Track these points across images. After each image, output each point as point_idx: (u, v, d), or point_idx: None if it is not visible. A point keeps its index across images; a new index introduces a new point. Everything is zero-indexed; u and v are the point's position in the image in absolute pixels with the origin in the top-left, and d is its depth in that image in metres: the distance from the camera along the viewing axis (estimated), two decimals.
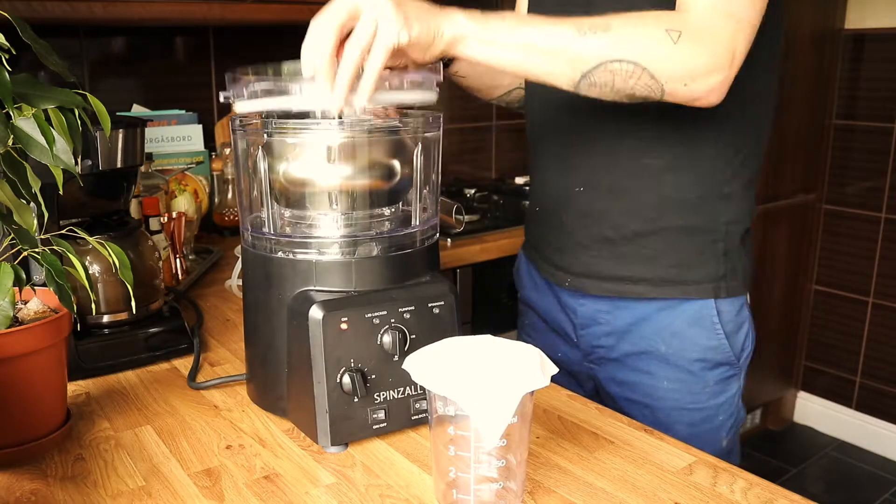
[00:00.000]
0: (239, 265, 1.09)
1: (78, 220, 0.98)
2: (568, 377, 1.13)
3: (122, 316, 0.98)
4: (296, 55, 0.84)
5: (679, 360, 1.01)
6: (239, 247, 1.04)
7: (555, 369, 0.65)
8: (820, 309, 2.81)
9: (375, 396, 0.76)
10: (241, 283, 1.10)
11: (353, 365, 0.75)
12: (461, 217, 1.69)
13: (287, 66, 0.81)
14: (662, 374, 1.03)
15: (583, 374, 1.12)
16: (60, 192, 0.65)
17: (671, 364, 1.01)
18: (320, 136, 0.78)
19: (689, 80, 0.80)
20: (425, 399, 0.78)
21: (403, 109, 0.86)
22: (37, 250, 0.67)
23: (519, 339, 1.23)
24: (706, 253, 0.99)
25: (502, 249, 1.79)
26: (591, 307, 1.05)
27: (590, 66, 0.79)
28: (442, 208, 1.61)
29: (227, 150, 1.74)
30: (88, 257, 0.95)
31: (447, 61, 1.03)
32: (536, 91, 1.08)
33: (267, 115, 0.80)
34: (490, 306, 1.84)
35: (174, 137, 1.77)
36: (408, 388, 0.78)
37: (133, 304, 0.80)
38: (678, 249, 0.99)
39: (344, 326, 0.74)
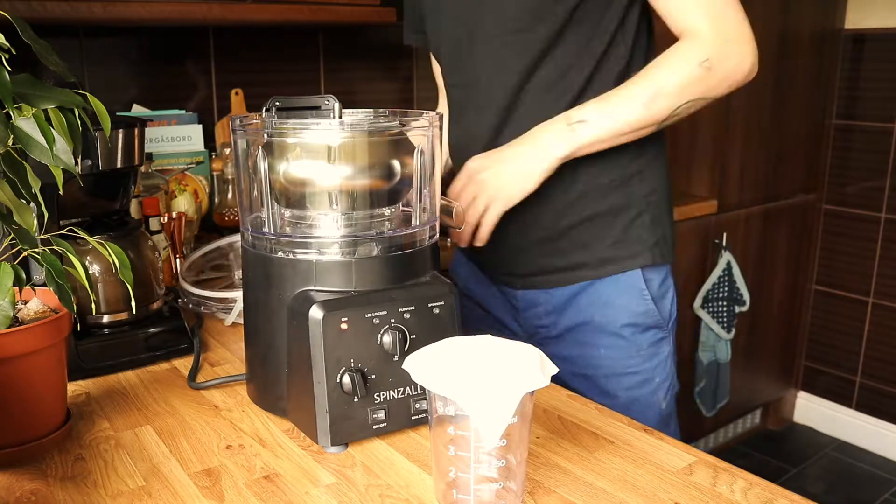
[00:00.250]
0: (239, 304, 1.09)
1: (78, 220, 0.98)
2: None
3: (122, 316, 0.98)
4: (295, 56, 0.84)
5: (612, 326, 1.11)
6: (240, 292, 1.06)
7: (555, 369, 0.65)
8: (820, 309, 2.81)
9: (375, 396, 0.76)
10: (238, 320, 1.11)
11: (353, 365, 0.75)
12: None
13: None
14: (598, 343, 1.12)
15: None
16: (60, 192, 0.65)
17: (605, 331, 1.11)
18: (320, 136, 0.78)
19: (732, 83, 1.01)
20: (425, 399, 0.78)
21: (404, 109, 0.87)
22: (37, 250, 0.67)
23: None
24: (635, 227, 1.10)
25: None
26: (533, 312, 1.16)
27: (661, 120, 1.01)
28: (442, 208, 1.61)
29: (227, 150, 1.74)
30: (88, 257, 0.95)
31: None
32: (458, 128, 1.19)
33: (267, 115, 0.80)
34: None
35: (174, 137, 1.77)
36: (408, 388, 0.78)
37: (133, 304, 0.80)
38: (609, 230, 1.09)
39: (344, 326, 0.74)
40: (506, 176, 1.02)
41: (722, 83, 0.99)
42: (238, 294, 1.10)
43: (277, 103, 0.81)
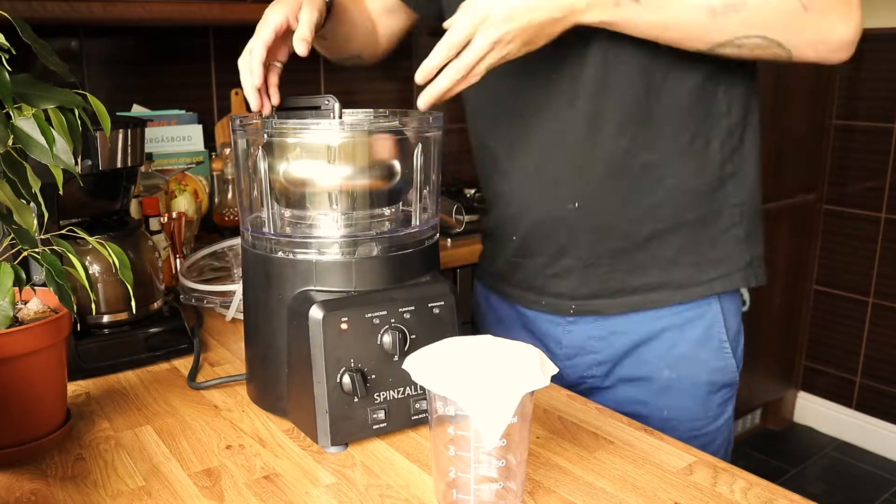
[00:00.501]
0: (238, 298, 1.09)
1: (78, 220, 0.98)
2: None
3: (122, 316, 0.98)
4: (295, 56, 0.84)
5: (684, 384, 0.94)
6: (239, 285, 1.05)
7: (555, 369, 0.65)
8: (820, 309, 2.81)
9: (375, 396, 0.76)
10: (238, 315, 1.11)
11: (353, 365, 0.75)
12: (461, 217, 1.70)
13: None
14: (662, 404, 0.96)
15: None
16: (60, 192, 0.65)
17: (674, 390, 0.95)
18: (320, 136, 0.78)
19: (819, 45, 0.81)
20: (425, 399, 0.78)
21: (404, 109, 0.87)
22: (37, 250, 0.67)
23: None
24: (726, 241, 0.94)
25: None
26: (580, 335, 0.98)
27: (720, 41, 0.80)
28: (442, 208, 1.61)
29: (227, 150, 1.74)
30: (88, 257, 0.95)
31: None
32: (490, 98, 0.98)
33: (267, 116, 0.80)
34: None
35: (174, 137, 1.77)
36: (408, 388, 0.78)
37: (133, 304, 0.80)
38: (698, 243, 0.93)
39: (344, 326, 0.74)
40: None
41: (810, 37, 0.80)
42: (238, 287, 1.10)
43: None
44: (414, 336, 0.77)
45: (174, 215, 1.31)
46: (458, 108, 1.10)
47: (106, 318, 0.98)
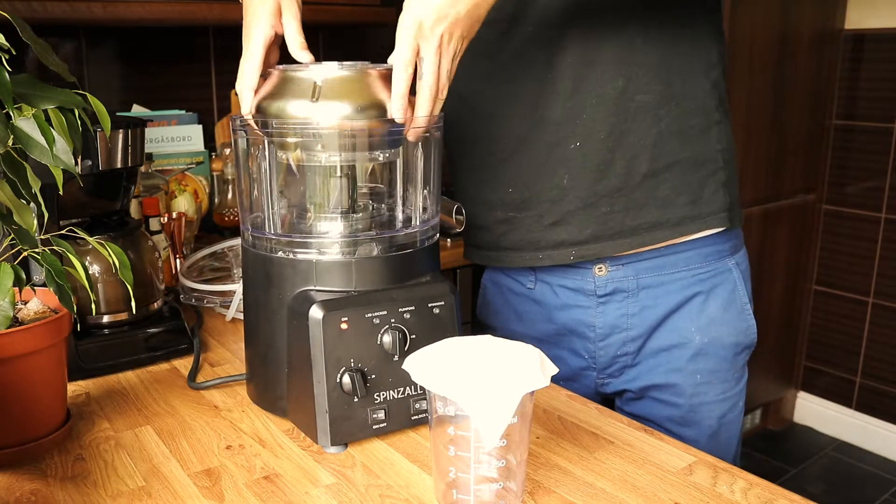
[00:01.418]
0: (238, 298, 1.09)
1: (78, 221, 0.98)
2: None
3: (122, 316, 0.98)
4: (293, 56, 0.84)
5: (715, 347, 0.98)
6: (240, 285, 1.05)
7: (555, 369, 0.65)
8: (820, 309, 2.81)
9: (375, 396, 0.76)
10: (238, 315, 1.11)
11: (353, 365, 0.75)
12: (461, 217, 1.69)
13: None
14: (695, 368, 0.98)
15: (588, 389, 1.06)
16: (60, 193, 0.65)
17: (705, 354, 0.98)
18: (320, 135, 0.78)
19: None
20: (425, 399, 0.78)
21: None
22: (37, 250, 0.67)
23: None
24: (713, 183, 0.97)
25: None
26: (614, 314, 0.99)
27: None
28: (442, 208, 1.61)
29: (227, 150, 1.74)
30: (88, 257, 0.95)
31: None
32: (472, 51, 0.91)
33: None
34: None
35: (174, 137, 1.77)
36: (408, 388, 0.78)
37: (133, 304, 0.80)
38: (689, 183, 0.96)
39: (344, 326, 0.74)
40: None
41: None
42: (238, 287, 1.10)
43: None
44: (414, 336, 0.77)
45: (174, 215, 1.31)
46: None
47: (106, 319, 0.98)
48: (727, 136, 0.99)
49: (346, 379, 0.74)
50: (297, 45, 0.85)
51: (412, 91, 0.77)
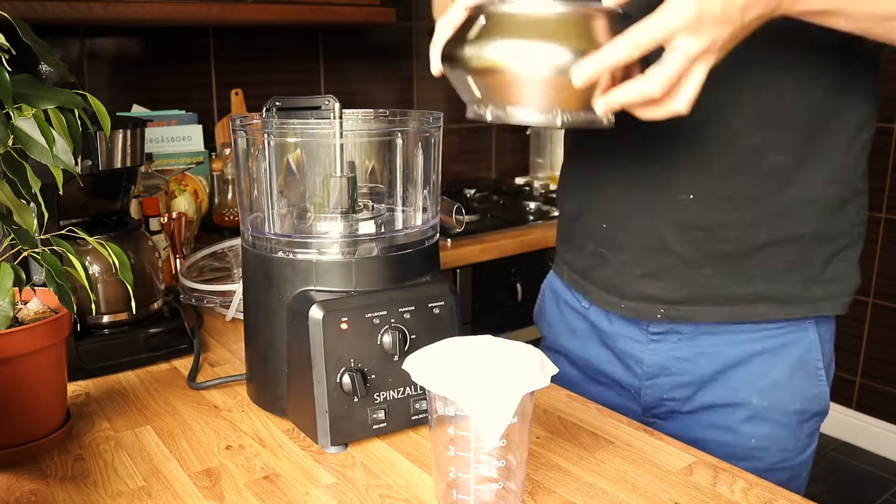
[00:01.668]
0: (238, 298, 1.09)
1: (78, 221, 0.98)
2: None
3: (122, 316, 0.98)
4: (295, 56, 0.84)
5: (775, 413, 0.87)
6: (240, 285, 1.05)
7: (555, 369, 0.65)
8: None
9: (375, 396, 0.76)
10: (238, 315, 1.11)
11: (353, 365, 0.75)
12: (461, 217, 1.69)
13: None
14: (749, 432, 0.88)
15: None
16: (60, 193, 0.65)
17: (763, 419, 0.87)
18: (321, 136, 0.78)
19: None
20: (425, 399, 0.78)
21: (404, 109, 0.86)
22: (37, 250, 0.67)
23: None
24: (838, 262, 0.85)
25: (502, 250, 1.79)
26: (664, 355, 0.90)
27: None
28: (442, 208, 1.61)
29: (227, 150, 1.74)
30: (88, 257, 0.95)
31: None
32: None
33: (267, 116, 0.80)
34: (490, 306, 1.84)
35: (174, 138, 1.77)
36: (408, 388, 0.78)
37: (133, 304, 0.80)
38: (810, 260, 0.84)
39: (344, 326, 0.74)
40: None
41: None
42: (238, 287, 1.10)
43: (277, 103, 0.81)
44: (414, 336, 0.77)
45: (174, 215, 1.31)
46: (459, 108, 1.09)
47: (106, 319, 0.98)
48: (865, 207, 0.87)
49: (346, 379, 0.74)
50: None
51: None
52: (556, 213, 1.49)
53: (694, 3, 0.60)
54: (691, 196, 0.83)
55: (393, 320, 0.76)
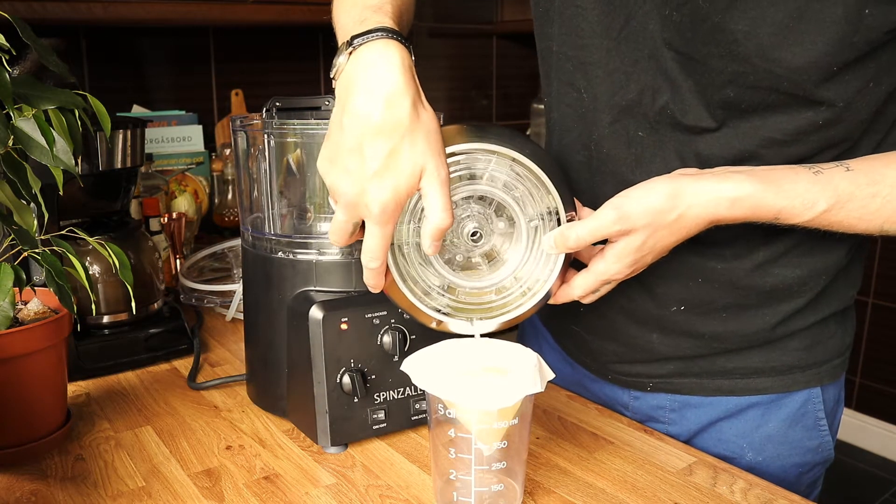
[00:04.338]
0: (238, 298, 1.10)
1: (78, 221, 0.98)
2: None
3: (122, 316, 0.98)
4: (295, 56, 0.84)
5: (771, 468, 0.81)
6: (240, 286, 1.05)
7: (552, 374, 0.65)
8: None
9: (375, 397, 0.76)
10: (238, 315, 1.11)
11: (353, 365, 0.75)
12: None
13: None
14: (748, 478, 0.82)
15: None
16: (60, 193, 0.66)
17: (759, 471, 0.81)
18: (321, 136, 0.78)
19: None
20: (425, 400, 0.78)
21: None
22: (37, 251, 0.67)
23: None
24: (836, 325, 0.80)
25: None
26: (649, 404, 0.85)
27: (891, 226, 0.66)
28: None
29: (227, 151, 1.74)
30: (88, 258, 0.95)
31: None
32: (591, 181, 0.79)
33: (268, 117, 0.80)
34: None
35: (174, 138, 1.77)
36: (408, 388, 0.78)
37: (133, 304, 0.80)
38: (809, 330, 0.79)
39: (344, 327, 0.74)
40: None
41: None
42: (238, 287, 1.10)
43: (277, 103, 0.81)
44: (414, 336, 0.77)
45: (174, 216, 1.31)
46: (459, 107, 1.09)
47: (106, 319, 0.98)
48: (861, 271, 0.82)
49: (346, 379, 0.74)
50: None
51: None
52: None
53: (638, 242, 0.64)
54: (682, 308, 0.79)
55: (393, 320, 0.76)
